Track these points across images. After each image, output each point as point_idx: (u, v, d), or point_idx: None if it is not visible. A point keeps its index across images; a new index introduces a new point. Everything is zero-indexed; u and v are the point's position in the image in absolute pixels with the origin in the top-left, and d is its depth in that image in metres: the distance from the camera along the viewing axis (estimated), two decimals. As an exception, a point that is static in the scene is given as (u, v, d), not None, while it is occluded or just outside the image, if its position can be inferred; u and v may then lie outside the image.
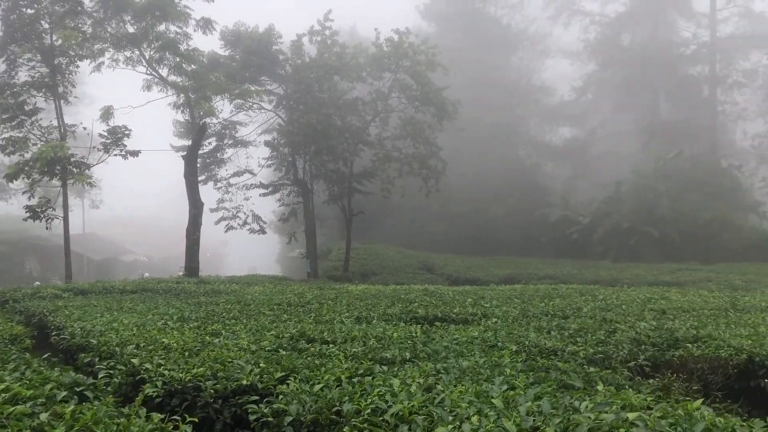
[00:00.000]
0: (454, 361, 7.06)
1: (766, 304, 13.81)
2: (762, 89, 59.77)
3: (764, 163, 57.23)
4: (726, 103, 59.60)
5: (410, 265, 41.25)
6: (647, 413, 4.48)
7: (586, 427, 3.62)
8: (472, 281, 34.88)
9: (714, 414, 5.05)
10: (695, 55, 60.87)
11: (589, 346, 8.63)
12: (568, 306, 13.90)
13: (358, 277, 36.09)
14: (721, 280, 31.25)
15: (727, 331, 9.91)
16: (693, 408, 4.41)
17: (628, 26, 62.33)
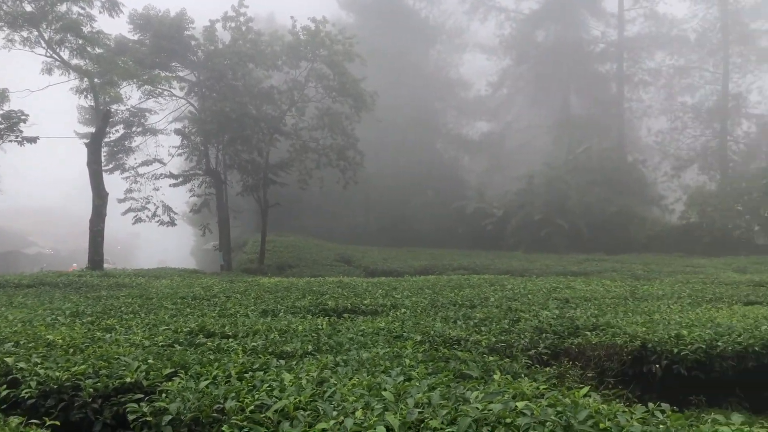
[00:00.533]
0: (356, 353, 6.94)
1: (663, 293, 14.43)
2: (665, 88, 62.92)
3: (667, 158, 60.29)
4: (632, 100, 62.43)
5: (328, 257, 41.00)
6: (538, 402, 4.50)
7: (470, 419, 3.55)
8: (388, 273, 35.00)
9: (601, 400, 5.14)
10: (604, 53, 63.36)
11: (492, 335, 8.70)
12: (477, 296, 14.07)
13: (273, 270, 35.57)
14: (625, 270, 32.67)
15: (625, 319, 10.25)
16: (579, 396, 4.44)
17: (541, 23, 64.17)
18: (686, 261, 36.85)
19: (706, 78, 60.12)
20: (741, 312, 10.93)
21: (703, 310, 11.44)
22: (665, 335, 8.55)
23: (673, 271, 31.22)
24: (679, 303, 12.68)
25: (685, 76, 61.48)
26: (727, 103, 56.19)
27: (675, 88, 62.12)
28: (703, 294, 13.98)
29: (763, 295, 13.63)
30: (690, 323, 9.52)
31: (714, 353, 8.11)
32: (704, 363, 8.16)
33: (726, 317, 10.25)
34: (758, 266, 32.47)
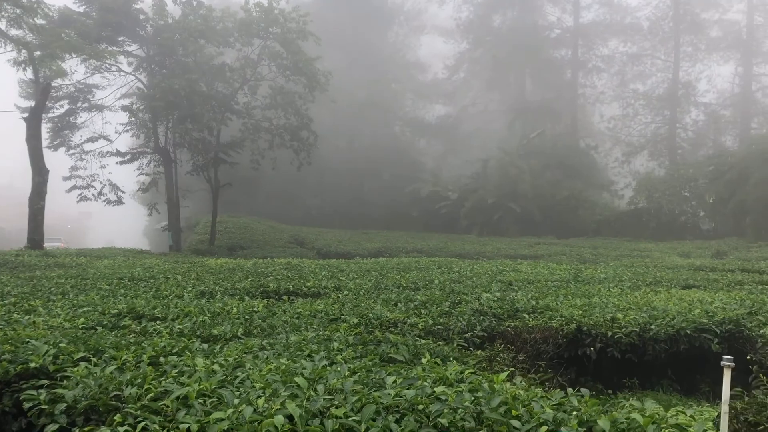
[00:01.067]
0: (285, 337, 6.74)
1: (605, 276, 14.59)
2: (618, 75, 63.85)
3: (618, 144, 61.36)
4: (586, 86, 63.21)
5: (280, 239, 40.61)
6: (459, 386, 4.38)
7: (375, 407, 3.39)
8: (342, 255, 34.80)
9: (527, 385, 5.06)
10: (559, 39, 63.90)
11: (431, 318, 8.60)
12: (423, 278, 14.00)
13: (224, 251, 35.00)
14: (574, 254, 33.21)
15: (564, 303, 10.27)
16: (499, 380, 4.34)
17: (498, 7, 64.26)
18: (633, 245, 37.63)
19: (658, 66, 61.26)
20: (678, 296, 11.09)
21: (642, 293, 11.57)
22: (600, 318, 8.58)
23: (620, 255, 31.86)
24: (620, 286, 12.83)
25: (638, 63, 62.54)
26: (677, 91, 57.35)
27: (627, 75, 63.15)
28: (644, 278, 14.19)
29: (701, 279, 13.89)
30: (626, 307, 9.60)
31: (647, 336, 8.17)
32: (638, 346, 8.22)
33: (663, 301, 10.37)
34: (701, 251, 33.37)
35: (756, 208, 38.07)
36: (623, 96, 61.48)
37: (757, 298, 10.76)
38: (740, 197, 38.71)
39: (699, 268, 17.78)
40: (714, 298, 10.82)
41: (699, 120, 59.71)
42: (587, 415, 3.51)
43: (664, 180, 44.88)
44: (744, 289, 12.32)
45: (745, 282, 13.54)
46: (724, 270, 16.99)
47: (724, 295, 11.17)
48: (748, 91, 58.50)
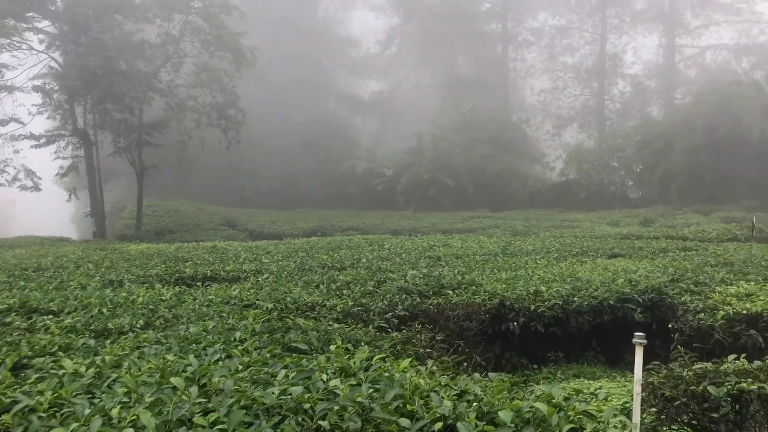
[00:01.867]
0: (186, 328, 6.22)
1: (533, 248, 14.53)
2: (547, 48, 64.59)
3: (549, 117, 62.30)
4: (516, 60, 63.72)
5: (211, 221, 39.43)
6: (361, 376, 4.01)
7: (243, 412, 2.95)
8: (275, 235, 34.03)
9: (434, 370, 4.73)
10: (490, 12, 63.92)
11: (351, 299, 8.22)
12: (351, 257, 13.61)
13: (152, 236, 33.71)
14: (507, 226, 33.47)
15: (491, 277, 10.06)
16: (400, 368, 3.97)
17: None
18: (565, 216, 38.27)
19: (586, 38, 62.30)
20: (603, 265, 11.06)
21: (568, 264, 11.50)
22: (524, 292, 8.38)
23: (551, 225, 32.27)
24: (547, 258, 12.76)
25: (566, 36, 63.43)
26: (605, 63, 58.46)
27: (557, 48, 63.98)
28: (571, 248, 14.18)
29: (626, 248, 13.99)
30: (551, 279, 9.45)
31: (570, 309, 8.02)
32: (561, 319, 8.07)
33: (588, 271, 10.29)
34: (630, 219, 34.19)
35: (681, 175, 39.27)
36: (552, 69, 62.33)
37: (679, 264, 10.82)
38: (666, 166, 39.84)
39: (626, 237, 18.02)
40: (638, 266, 10.83)
41: (626, 91, 61.14)
42: (489, 406, 3.17)
43: (593, 151, 45.80)
44: (668, 256, 12.43)
45: (669, 249, 13.70)
46: (649, 237, 17.26)
47: (648, 263, 11.20)
48: (672, 62, 60.18)
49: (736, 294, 7.94)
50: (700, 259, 11.45)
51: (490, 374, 3.93)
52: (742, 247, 13.74)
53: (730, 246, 14.28)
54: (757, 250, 12.69)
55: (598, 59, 59.47)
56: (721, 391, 4.26)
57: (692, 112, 40.84)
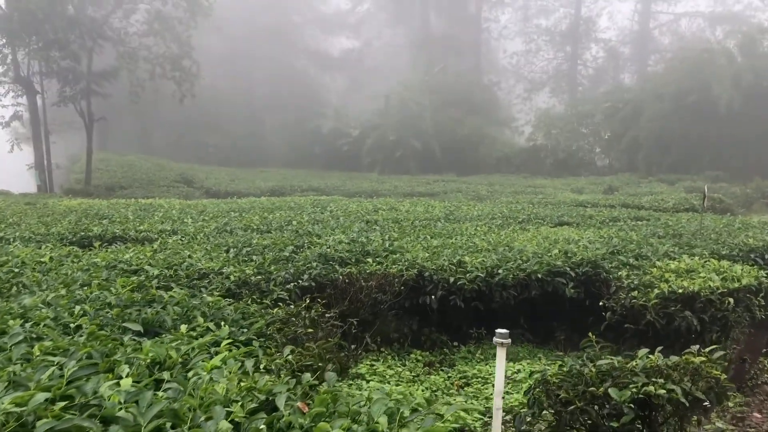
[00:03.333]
0: (25, 298, 5.27)
1: (479, 213, 13.74)
2: (522, 9, 63.20)
3: (521, 80, 61.30)
4: (490, 20, 62.19)
5: (167, 178, 38.09)
6: (170, 374, 3.15)
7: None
8: (232, 194, 32.94)
9: (260, 374, 3.90)
10: (463, -31, 62.00)
11: (256, 267, 7.34)
12: (284, 219, 12.68)
13: (102, 191, 32.44)
14: (470, 191, 32.68)
15: (421, 244, 9.25)
16: (209, 368, 3.11)
17: (402, -67, 61.58)
18: (530, 182, 37.65)
19: (561, 1, 60.93)
20: (545, 234, 10.30)
21: (508, 232, 10.72)
22: (446, 262, 7.56)
23: (515, 191, 31.56)
24: (489, 224, 11.97)
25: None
26: (579, 27, 57.38)
27: (531, 10, 62.60)
28: (519, 215, 13.41)
29: (576, 216, 13.26)
30: (483, 248, 8.65)
31: (493, 282, 7.22)
32: (485, 293, 7.29)
33: (526, 240, 9.52)
34: (594, 186, 33.63)
35: (648, 144, 38.79)
36: (526, 31, 61.06)
37: (625, 235, 10.10)
38: (633, 133, 39.28)
39: (581, 204, 17.34)
40: (582, 236, 10.09)
41: (599, 57, 60.25)
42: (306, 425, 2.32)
43: (562, 116, 45.04)
44: (616, 225, 11.71)
45: (620, 218, 13.01)
46: (604, 206, 16.60)
47: (593, 233, 10.47)
48: (646, 29, 59.32)
49: (676, 270, 7.21)
50: (649, 230, 10.75)
51: (327, 374, 3.07)
52: (696, 217, 13.09)
53: (684, 216, 13.65)
54: (711, 221, 12.04)
55: (573, 23, 58.32)
56: (624, 395, 3.48)
57: (663, 79, 40.21)
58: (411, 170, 45.16)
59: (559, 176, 40.69)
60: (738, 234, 10.00)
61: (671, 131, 37.79)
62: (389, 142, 45.64)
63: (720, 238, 9.53)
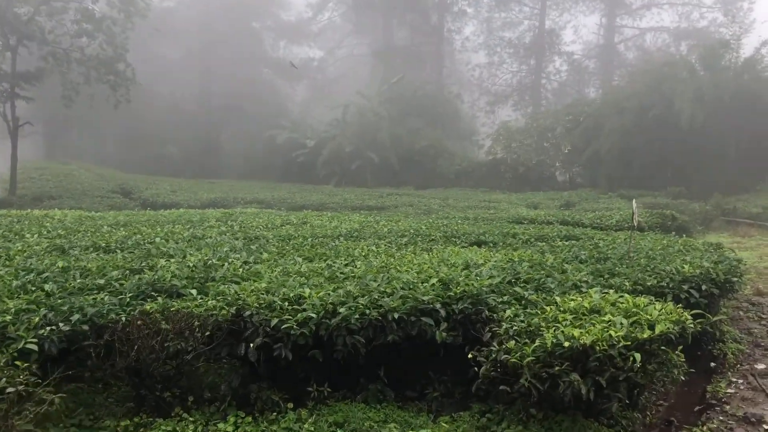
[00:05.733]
0: None
1: (388, 230, 11.96)
2: (486, 21, 61.98)
3: (486, 93, 60.01)
4: (453, 32, 60.85)
5: (104, 188, 35.96)
6: None
7: None
8: (171, 206, 30.91)
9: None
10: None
11: (30, 299, 5.49)
12: (155, 235, 10.79)
13: (28, 201, 30.26)
14: (422, 205, 31.06)
15: (291, 267, 7.45)
16: None
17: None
18: (486, 196, 36.09)
19: (525, 13, 59.93)
20: (446, 256, 8.55)
21: (407, 253, 8.96)
22: (276, 298, 5.75)
23: (468, 206, 29.98)
24: (396, 243, 10.19)
25: (505, 9, 60.74)
26: (543, 40, 56.32)
27: (495, 22, 61.39)
28: (434, 232, 11.67)
29: (499, 233, 11.54)
30: (349, 275, 6.86)
31: (332, 325, 5.41)
32: (322, 338, 5.48)
33: (415, 264, 7.75)
34: (551, 202, 32.14)
35: (608, 158, 37.50)
36: (490, 44, 59.87)
37: (541, 258, 8.40)
38: (594, 147, 37.97)
39: (518, 221, 15.68)
40: (489, 258, 8.37)
41: (562, 70, 59.30)
42: None
43: (522, 130, 43.66)
44: (538, 246, 10.01)
45: (549, 236, 11.32)
46: (541, 222, 14.96)
47: (504, 254, 8.75)
48: (611, 43, 58.52)
49: (575, 309, 5.49)
50: (572, 253, 9.06)
51: None
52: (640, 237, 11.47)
53: (622, 236, 12.03)
54: (650, 242, 10.41)
55: (537, 36, 57.26)
56: None
57: (624, 92, 39.02)
58: (368, 183, 43.46)
59: (520, 191, 39.24)
60: (674, 259, 8.34)
61: (633, 146, 36.54)
62: (345, 153, 43.87)
63: (651, 264, 7.84)
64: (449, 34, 59.78)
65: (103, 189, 35.70)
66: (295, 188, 40.96)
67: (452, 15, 59.16)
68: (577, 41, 60.60)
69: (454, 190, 39.89)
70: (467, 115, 53.82)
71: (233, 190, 38.51)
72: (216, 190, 38.05)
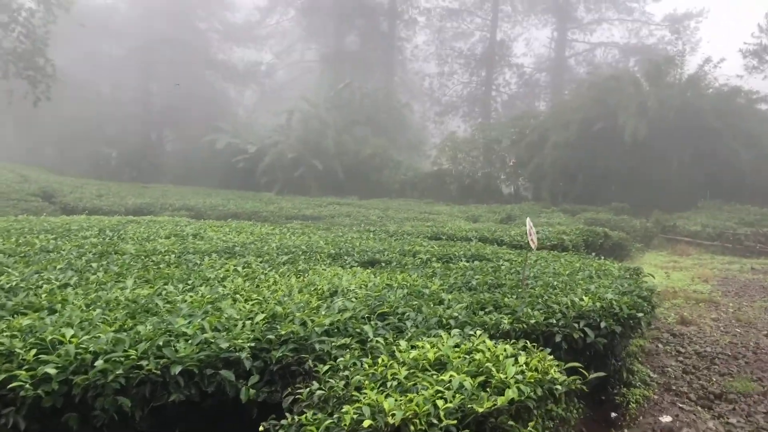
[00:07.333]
0: None
1: (277, 245, 10.59)
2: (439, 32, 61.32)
3: (436, 103, 59.22)
4: (404, 40, 59.96)
5: (23, 191, 33.77)
6: None
7: None
8: (93, 211, 29.09)
9: None
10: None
11: None
12: None
13: (-69, 203, 28.06)
14: (360, 215, 29.79)
15: (98, 293, 6.05)
16: None
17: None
18: (429, 207, 35.08)
19: (477, 24, 59.44)
20: (318, 278, 7.25)
21: (278, 274, 7.61)
22: (21, 343, 4.34)
23: (406, 217, 28.77)
24: (272, 262, 8.83)
25: (457, 19, 60.18)
26: (494, 52, 55.85)
27: (447, 32, 60.75)
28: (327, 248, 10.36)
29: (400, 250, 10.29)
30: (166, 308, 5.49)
31: (81, 384, 4.03)
32: (75, 400, 4.10)
33: (266, 290, 6.43)
34: (491, 215, 31.16)
35: (552, 172, 36.95)
36: (441, 53, 59.14)
37: (425, 283, 7.16)
38: (538, 160, 37.36)
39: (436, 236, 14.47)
40: (364, 282, 7.09)
41: (513, 82, 58.95)
42: None
43: (468, 141, 42.84)
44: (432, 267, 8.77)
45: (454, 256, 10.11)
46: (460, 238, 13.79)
47: (384, 277, 7.48)
48: (562, 57, 58.44)
49: (416, 361, 4.23)
50: (467, 276, 7.84)
51: None
52: (553, 258, 10.36)
53: (542, 254, 10.93)
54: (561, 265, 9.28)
55: (488, 47, 56.76)
56: None
57: (571, 105, 38.56)
58: (312, 191, 42.02)
59: (464, 203, 38.35)
60: (576, 287, 7.18)
61: (577, 160, 36.03)
62: (288, 160, 42.38)
63: (546, 295, 6.66)
64: (400, 43, 58.81)
65: (23, 191, 33.44)
66: (233, 195, 39.22)
67: (404, 23, 58.27)
68: (529, 54, 60.50)
69: (398, 201, 38.77)
70: (417, 125, 52.85)
71: (165, 195, 36.59)
72: (146, 196, 36.11)
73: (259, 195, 40.87)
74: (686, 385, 7.39)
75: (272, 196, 40.39)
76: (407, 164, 43.64)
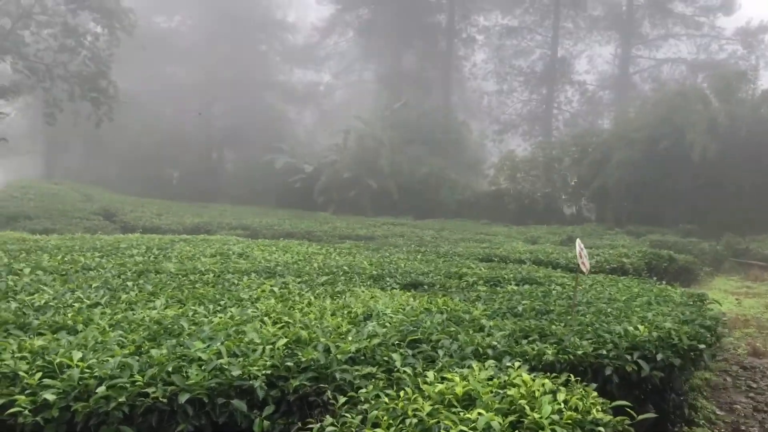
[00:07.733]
0: None
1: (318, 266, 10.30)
2: (499, 50, 60.67)
3: (495, 122, 58.48)
4: (463, 59, 59.52)
5: (86, 209, 34.88)
6: None
7: None
8: (152, 230, 29.68)
9: None
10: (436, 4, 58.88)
11: None
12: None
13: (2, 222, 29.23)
14: (414, 236, 29.35)
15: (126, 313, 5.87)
16: None
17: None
18: (485, 228, 34.38)
19: (537, 42, 58.54)
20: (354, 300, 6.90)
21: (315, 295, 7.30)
22: (26, 366, 4.14)
23: (462, 238, 28.19)
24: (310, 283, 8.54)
25: (517, 37, 59.41)
26: (556, 70, 54.83)
27: (507, 50, 60.04)
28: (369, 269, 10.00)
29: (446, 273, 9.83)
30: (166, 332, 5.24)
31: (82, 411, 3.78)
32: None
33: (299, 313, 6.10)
34: (551, 236, 30.22)
35: (616, 192, 35.69)
36: (500, 71, 58.44)
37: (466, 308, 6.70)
38: (601, 180, 36.16)
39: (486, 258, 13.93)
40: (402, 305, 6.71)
41: (573, 100, 57.67)
42: None
43: (527, 160, 41.94)
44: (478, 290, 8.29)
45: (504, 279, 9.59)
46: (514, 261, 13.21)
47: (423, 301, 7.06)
48: (626, 74, 56.87)
49: (442, 394, 3.81)
50: (514, 300, 7.34)
51: None
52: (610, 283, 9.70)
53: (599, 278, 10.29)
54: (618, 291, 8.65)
55: (549, 64, 55.79)
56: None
57: (634, 123, 37.23)
58: (367, 211, 41.89)
59: (523, 223, 37.45)
60: (632, 315, 6.59)
61: (642, 179, 34.66)
62: (343, 179, 42.45)
63: (597, 323, 6.11)
64: (458, 61, 58.43)
65: (85, 210, 34.51)
66: (289, 214, 39.48)
67: (462, 41, 57.92)
68: (591, 71, 59.15)
69: (454, 222, 38.16)
70: (474, 144, 52.17)
71: (222, 215, 37.13)
72: (204, 215, 36.71)
73: (315, 215, 41.04)
74: (757, 425, 6.66)
75: (327, 216, 40.46)
76: (464, 184, 43.03)
